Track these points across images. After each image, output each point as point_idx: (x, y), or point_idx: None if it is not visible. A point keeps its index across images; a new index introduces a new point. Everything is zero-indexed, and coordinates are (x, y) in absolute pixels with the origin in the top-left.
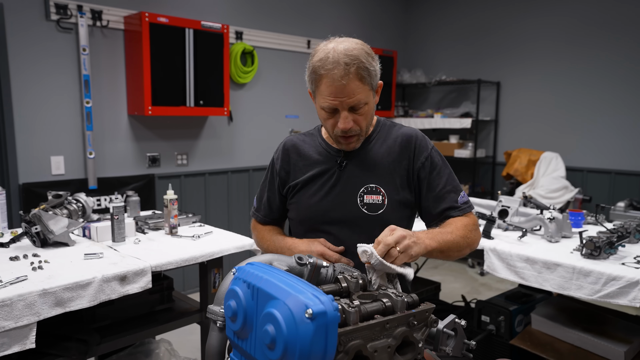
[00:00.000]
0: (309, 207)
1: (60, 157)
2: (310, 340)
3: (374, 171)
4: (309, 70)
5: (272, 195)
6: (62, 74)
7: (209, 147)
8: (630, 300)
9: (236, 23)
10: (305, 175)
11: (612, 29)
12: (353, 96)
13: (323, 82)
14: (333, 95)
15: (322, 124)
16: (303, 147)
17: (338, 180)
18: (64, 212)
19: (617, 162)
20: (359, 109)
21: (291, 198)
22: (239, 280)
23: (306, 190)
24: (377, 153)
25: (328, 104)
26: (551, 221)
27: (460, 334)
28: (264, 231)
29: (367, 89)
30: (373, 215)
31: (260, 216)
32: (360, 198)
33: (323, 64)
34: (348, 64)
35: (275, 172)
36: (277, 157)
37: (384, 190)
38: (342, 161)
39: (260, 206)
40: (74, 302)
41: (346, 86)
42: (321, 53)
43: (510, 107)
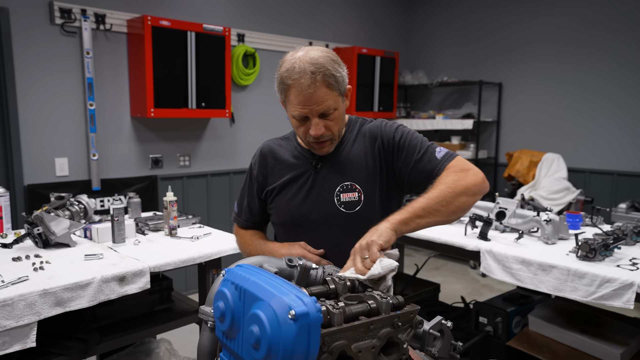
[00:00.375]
0: (288, 210)
1: (65, 159)
2: (293, 340)
3: (348, 169)
4: (277, 81)
5: (251, 200)
6: (66, 77)
7: (211, 148)
8: (624, 302)
9: (238, 25)
10: (281, 179)
11: (614, 30)
12: (322, 103)
13: (292, 92)
14: (302, 103)
15: (295, 130)
16: (279, 151)
17: (314, 182)
18: (66, 213)
19: (619, 164)
20: (328, 115)
21: (270, 202)
22: (227, 282)
23: (284, 194)
24: (349, 151)
25: (298, 112)
26: (548, 223)
27: (447, 335)
28: (246, 235)
29: (335, 95)
30: (351, 212)
31: (242, 221)
32: (337, 197)
33: (290, 74)
34: (314, 72)
35: (253, 177)
36: (255, 162)
37: (359, 187)
38: (316, 163)
39: (241, 211)
40: (74, 302)
41: (314, 94)
42: (288, 63)
43: (512, 108)
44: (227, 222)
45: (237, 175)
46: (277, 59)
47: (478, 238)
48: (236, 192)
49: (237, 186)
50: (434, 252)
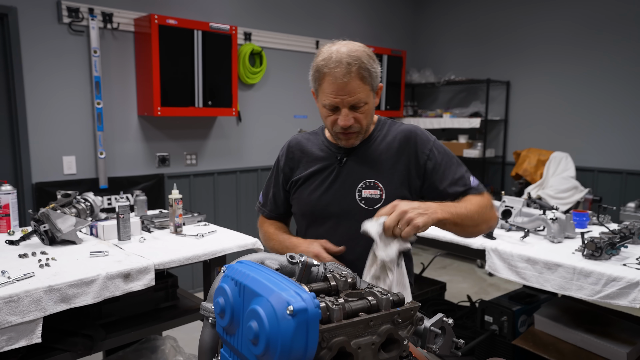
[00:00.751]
0: (309, 201)
1: (72, 157)
2: (292, 336)
3: (372, 167)
4: (312, 70)
5: (277, 191)
6: (74, 76)
7: (217, 147)
8: (630, 301)
9: (244, 24)
10: (307, 170)
11: (623, 29)
12: (354, 94)
13: (326, 80)
14: (334, 93)
15: (323, 121)
16: (307, 145)
17: (338, 176)
18: (73, 211)
19: (628, 162)
20: (359, 108)
21: (293, 193)
22: (227, 278)
23: (307, 185)
24: (376, 150)
25: (329, 102)
26: (554, 221)
27: (449, 333)
28: (270, 228)
29: (367, 89)
30: (371, 209)
31: (267, 211)
32: (359, 193)
33: (326, 63)
34: (350, 63)
35: (279, 168)
36: (282, 154)
37: (382, 185)
38: (342, 157)
39: (266, 202)
40: (79, 299)
41: (347, 84)
42: (325, 53)
43: (519, 107)
44: (233, 220)
45: (244, 174)
46: (283, 57)
47: (483, 236)
48: (243, 191)
49: (243, 184)
50: (440, 251)
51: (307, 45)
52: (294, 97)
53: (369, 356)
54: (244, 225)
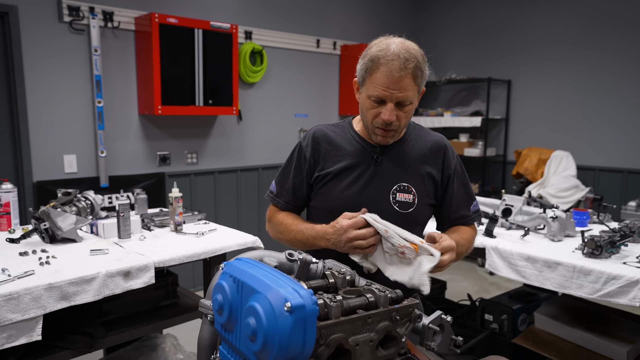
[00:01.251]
0: (341, 199)
1: (73, 156)
2: (289, 332)
3: (406, 170)
4: (364, 59)
5: (298, 183)
6: (75, 74)
7: (218, 146)
8: (630, 299)
9: (245, 23)
10: (336, 165)
11: (624, 28)
12: (404, 91)
13: (380, 71)
14: (386, 85)
15: (362, 113)
16: (334, 137)
17: (373, 176)
18: (73, 209)
19: (630, 161)
20: (404, 106)
21: (319, 188)
22: (225, 275)
23: (338, 181)
24: (410, 153)
25: (378, 93)
26: (554, 220)
27: (448, 330)
28: (287, 219)
29: (415, 89)
30: (404, 213)
31: (282, 202)
32: (393, 195)
33: (384, 53)
34: (408, 59)
35: (303, 158)
36: (307, 144)
37: (415, 190)
38: (378, 157)
39: (281, 192)
40: (79, 297)
41: (401, 79)
42: (382, 45)
43: (520, 106)
44: (234, 219)
45: (245, 173)
46: (284, 56)
47: (484, 235)
48: (244, 190)
49: (244, 183)
50: None
51: (307, 44)
52: (294, 95)
53: (367, 353)
54: (245, 224)
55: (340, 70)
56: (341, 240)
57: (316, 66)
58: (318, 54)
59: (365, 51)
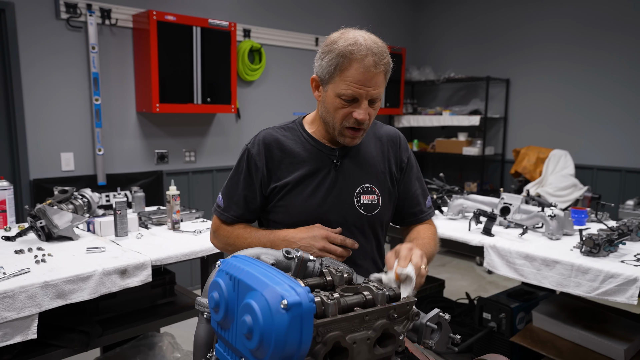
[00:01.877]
0: (304, 209)
1: (70, 154)
2: (285, 330)
3: (367, 170)
4: (331, 54)
5: (250, 194)
6: (72, 72)
7: (216, 144)
8: (628, 297)
9: (244, 21)
10: (294, 174)
11: (623, 27)
12: (378, 88)
13: (353, 67)
14: (361, 82)
15: (326, 114)
16: (286, 142)
17: (335, 181)
18: (70, 207)
19: (628, 160)
20: (375, 103)
21: (278, 200)
22: (222, 272)
23: (299, 191)
24: (367, 152)
25: (352, 92)
26: (552, 218)
27: (446, 328)
28: (237, 230)
29: (384, 86)
30: (369, 215)
31: (231, 216)
32: (357, 199)
33: (356, 48)
34: (381, 55)
35: (254, 168)
36: (258, 152)
37: (378, 190)
38: (337, 160)
39: (230, 205)
40: (75, 295)
41: (375, 76)
42: (349, 39)
43: (519, 105)
44: None
45: None
46: (283, 54)
47: (482, 233)
48: None
49: None
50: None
51: (306, 42)
52: (293, 94)
53: (365, 351)
54: None
55: None
56: (313, 246)
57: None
58: (316, 52)
59: (327, 45)
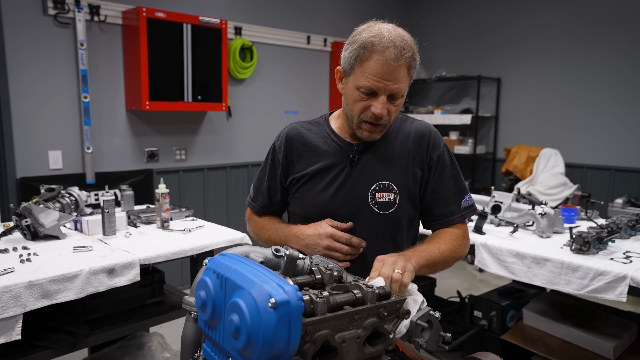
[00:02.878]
0: (316, 203)
1: (58, 152)
2: (273, 329)
3: (386, 167)
4: (353, 45)
5: (272, 186)
6: (60, 69)
7: (207, 142)
8: (617, 295)
9: (235, 18)
10: (311, 167)
11: (612, 25)
12: (398, 83)
13: (373, 59)
14: (380, 75)
15: (346, 106)
16: (309, 136)
17: (349, 177)
18: (57, 205)
19: (617, 159)
20: (396, 99)
21: (295, 192)
22: (209, 271)
23: (313, 184)
24: (390, 148)
25: (370, 84)
26: (542, 216)
27: (436, 326)
28: (263, 221)
29: (407, 81)
30: (384, 214)
31: (257, 206)
32: (372, 196)
33: (378, 40)
34: (404, 48)
35: (277, 160)
36: (280, 145)
37: (396, 188)
38: (354, 156)
39: (257, 195)
40: (61, 294)
41: (396, 70)
42: (374, 30)
43: (510, 103)
44: (223, 216)
45: (234, 170)
46: (275, 52)
47: (473, 231)
48: (233, 187)
49: (234, 181)
50: None
51: (298, 41)
52: (285, 92)
53: (354, 350)
54: (235, 222)
55: (331, 67)
56: (319, 244)
57: (307, 63)
58: (308, 50)
59: (352, 37)
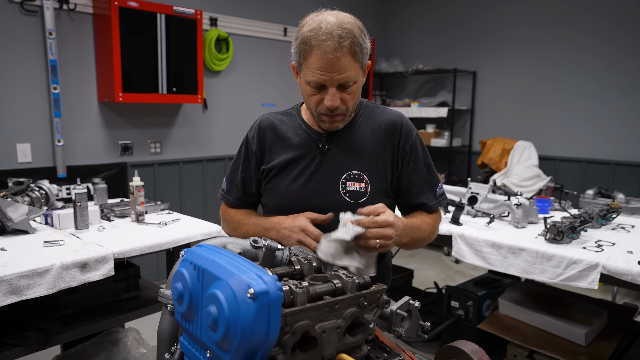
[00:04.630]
0: (287, 193)
1: (27, 145)
2: (252, 320)
3: (357, 157)
4: (296, 42)
5: (247, 177)
6: (28, 59)
7: (183, 135)
8: (589, 282)
9: (210, 9)
10: (281, 157)
11: (586, 20)
12: (343, 72)
13: (313, 54)
14: (322, 69)
15: (304, 100)
16: (281, 127)
17: (319, 166)
18: (26, 199)
19: (588, 151)
20: (347, 87)
21: (267, 183)
22: (185, 262)
23: (284, 175)
24: (361, 138)
25: (316, 79)
26: (518, 207)
27: (415, 316)
28: (239, 215)
29: (357, 67)
30: (355, 203)
31: (232, 199)
32: (343, 185)
33: (315, 34)
34: (342, 36)
35: (250, 151)
36: (253, 136)
37: (367, 178)
38: (324, 145)
39: (231, 188)
40: (31, 290)
41: (338, 60)
42: (313, 23)
43: (485, 97)
44: (200, 210)
45: (211, 163)
46: (251, 44)
47: (450, 222)
48: (209, 180)
49: (210, 174)
50: None
51: (274, 32)
52: (261, 84)
53: (334, 340)
54: (211, 215)
55: None
56: (292, 237)
57: (283, 55)
58: (285, 42)
59: (297, 32)
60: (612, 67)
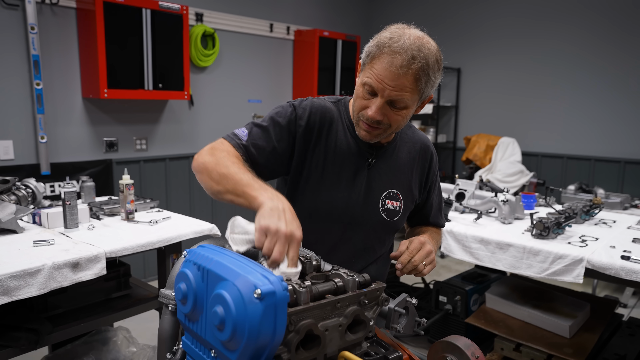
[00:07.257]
0: (329, 200)
1: (9, 142)
2: (259, 320)
3: (396, 175)
4: (372, 42)
5: (280, 149)
6: (9, 54)
7: (169, 131)
8: (575, 277)
9: (196, 4)
10: (328, 157)
11: (568, 18)
12: (400, 91)
13: (381, 59)
14: (381, 77)
15: (353, 101)
16: (338, 128)
17: (365, 180)
18: (12, 198)
19: (569, 148)
20: (396, 108)
21: (305, 182)
22: (189, 263)
23: (328, 180)
24: (400, 157)
25: (372, 82)
26: (505, 203)
27: (412, 312)
28: (233, 158)
29: (416, 93)
30: (390, 221)
31: (244, 153)
32: (382, 202)
33: (392, 42)
34: (415, 58)
35: (294, 126)
36: (302, 115)
37: (402, 197)
38: (372, 160)
39: (252, 146)
40: (22, 291)
41: (399, 77)
42: (395, 32)
43: (470, 93)
44: (186, 207)
45: None
46: (237, 40)
47: None
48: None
49: None
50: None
51: (260, 28)
52: (248, 81)
53: (336, 338)
54: (198, 212)
55: (294, 56)
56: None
57: (269, 51)
58: (271, 38)
59: (378, 33)
60: (592, 67)
